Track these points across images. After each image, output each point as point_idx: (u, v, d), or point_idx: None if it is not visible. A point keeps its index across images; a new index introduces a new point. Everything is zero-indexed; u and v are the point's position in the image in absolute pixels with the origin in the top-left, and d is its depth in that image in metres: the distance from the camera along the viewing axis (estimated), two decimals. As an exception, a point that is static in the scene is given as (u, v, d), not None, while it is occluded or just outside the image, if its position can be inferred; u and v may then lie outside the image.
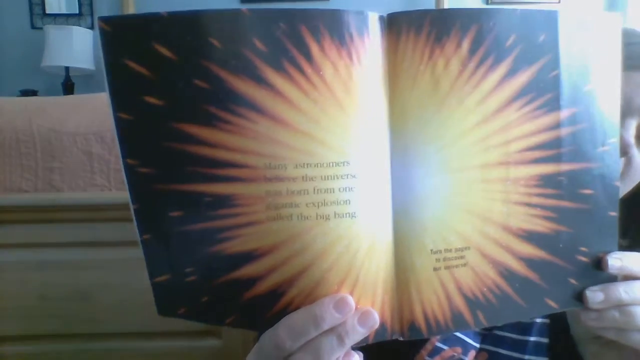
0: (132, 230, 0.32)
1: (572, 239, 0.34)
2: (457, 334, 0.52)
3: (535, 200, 0.32)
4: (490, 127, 0.31)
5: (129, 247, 0.92)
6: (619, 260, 0.34)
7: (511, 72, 0.30)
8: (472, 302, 0.33)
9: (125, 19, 0.28)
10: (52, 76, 2.54)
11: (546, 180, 0.32)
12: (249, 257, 0.30)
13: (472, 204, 0.31)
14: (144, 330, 0.91)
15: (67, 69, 2.44)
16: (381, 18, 0.29)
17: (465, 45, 0.29)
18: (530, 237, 0.33)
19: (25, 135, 0.92)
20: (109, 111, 0.29)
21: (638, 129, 0.47)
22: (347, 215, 0.30)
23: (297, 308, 0.30)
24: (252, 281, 0.30)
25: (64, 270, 0.90)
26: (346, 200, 0.29)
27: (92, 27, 2.62)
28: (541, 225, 0.33)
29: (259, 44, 0.28)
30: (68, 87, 2.45)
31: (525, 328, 0.52)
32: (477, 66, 0.30)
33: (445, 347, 0.52)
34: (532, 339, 0.52)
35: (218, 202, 0.29)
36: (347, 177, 0.29)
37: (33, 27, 2.63)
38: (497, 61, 0.30)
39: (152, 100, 0.28)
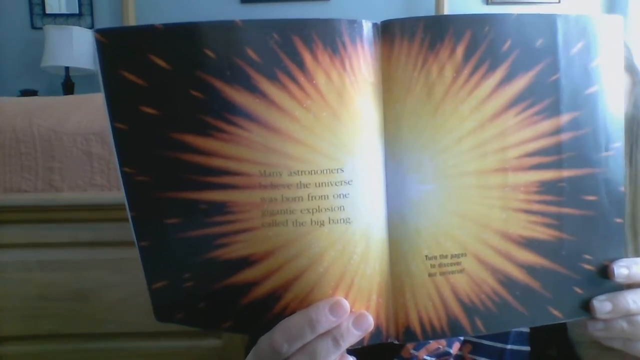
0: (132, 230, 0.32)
1: (575, 247, 0.33)
2: None
3: (536, 207, 0.32)
4: (486, 134, 0.31)
5: (129, 247, 0.91)
6: (626, 269, 0.33)
7: (508, 78, 0.30)
8: (470, 309, 0.32)
9: (121, 30, 0.29)
10: (52, 76, 2.54)
11: (547, 187, 0.32)
12: (245, 262, 0.30)
13: (469, 210, 0.31)
14: (144, 330, 0.91)
15: (67, 69, 2.44)
16: (375, 26, 0.29)
17: (460, 51, 0.29)
18: (530, 244, 0.32)
19: (25, 135, 0.92)
20: (106, 119, 0.30)
21: None
22: (342, 221, 0.30)
23: (292, 312, 0.31)
24: (249, 286, 0.31)
25: (64, 270, 0.90)
26: (340, 207, 0.30)
27: (92, 27, 2.62)
28: (542, 233, 0.32)
29: (252, 55, 0.28)
30: (68, 87, 2.45)
31: None
32: (472, 72, 0.30)
33: (430, 340, 0.52)
34: (514, 329, 0.52)
35: (214, 209, 0.30)
36: (342, 184, 0.30)
37: (33, 27, 2.63)
38: (493, 67, 0.30)
39: (148, 110, 0.29)
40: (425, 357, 0.54)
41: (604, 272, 0.34)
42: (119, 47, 0.29)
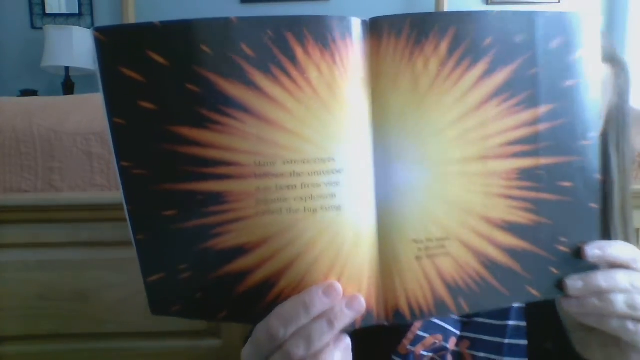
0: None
1: (552, 230, 0.35)
2: (437, 321, 0.55)
3: (516, 192, 0.34)
4: (469, 123, 0.32)
5: (129, 247, 0.90)
6: (599, 250, 0.36)
7: (489, 71, 0.32)
8: (454, 290, 0.34)
9: (120, 28, 0.29)
10: (52, 76, 2.54)
11: (525, 174, 0.34)
12: (240, 251, 0.31)
13: (453, 196, 0.33)
14: (144, 330, 0.91)
15: (67, 69, 2.44)
16: (364, 22, 0.30)
17: (444, 46, 0.31)
18: (511, 228, 0.34)
19: (25, 135, 0.92)
20: (104, 115, 0.30)
21: None
22: (333, 208, 0.31)
23: (286, 298, 0.31)
24: (244, 274, 0.32)
25: (64, 270, 0.90)
26: (332, 194, 0.31)
27: (92, 27, 2.62)
28: (522, 217, 0.34)
29: (247, 50, 0.29)
30: (68, 87, 2.45)
31: (503, 313, 0.54)
32: (455, 66, 0.31)
33: (426, 335, 0.54)
34: (511, 323, 0.54)
35: (210, 199, 0.31)
36: (333, 172, 0.31)
37: (33, 27, 2.63)
38: (475, 61, 0.31)
39: (146, 104, 0.30)
40: (422, 352, 0.56)
41: (578, 254, 0.36)
42: (118, 44, 0.29)
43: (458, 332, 0.57)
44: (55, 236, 0.90)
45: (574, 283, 0.35)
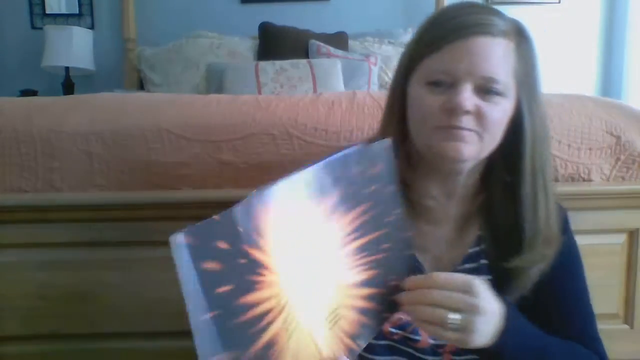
0: (131, 230, 0.32)
1: (384, 274, 0.55)
2: None
3: (361, 261, 0.52)
4: (327, 233, 0.49)
5: (129, 247, 0.91)
6: (409, 282, 0.54)
7: (336, 199, 0.49)
8: (353, 336, 0.52)
9: (199, 229, 0.37)
10: (52, 76, 2.54)
11: (362, 249, 0.52)
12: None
13: (335, 281, 0.50)
14: (144, 330, 0.91)
15: (67, 69, 2.45)
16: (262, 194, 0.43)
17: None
18: (363, 283, 0.53)
19: (25, 135, 0.92)
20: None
21: (474, 85, 0.56)
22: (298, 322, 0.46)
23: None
24: None
25: (64, 270, 0.90)
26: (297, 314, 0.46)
27: (92, 27, 2.62)
28: (367, 274, 0.53)
29: (260, 223, 0.42)
30: (68, 87, 2.45)
31: None
32: (317, 204, 0.47)
33: None
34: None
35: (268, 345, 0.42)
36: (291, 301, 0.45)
37: (33, 27, 2.64)
38: (327, 195, 0.48)
39: (224, 289, 0.38)
40: (391, 329, 0.64)
41: (399, 286, 0.55)
42: (199, 242, 0.37)
43: None
44: (55, 236, 0.90)
45: (401, 295, 0.54)
